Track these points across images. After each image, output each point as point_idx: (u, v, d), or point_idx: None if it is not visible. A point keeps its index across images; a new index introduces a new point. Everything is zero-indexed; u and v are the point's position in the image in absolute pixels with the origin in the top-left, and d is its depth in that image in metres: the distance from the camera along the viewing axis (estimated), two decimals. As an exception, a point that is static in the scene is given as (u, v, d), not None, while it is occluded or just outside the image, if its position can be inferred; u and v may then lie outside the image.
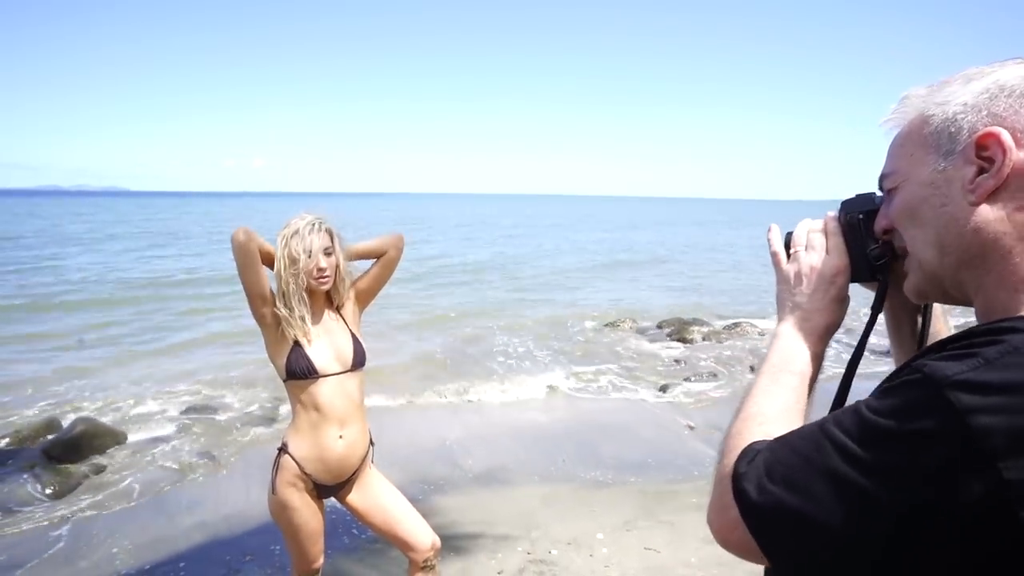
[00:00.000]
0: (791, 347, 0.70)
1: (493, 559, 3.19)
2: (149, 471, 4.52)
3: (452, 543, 3.32)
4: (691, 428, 5.35)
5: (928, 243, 0.60)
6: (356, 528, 3.50)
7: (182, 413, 5.52)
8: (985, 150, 0.55)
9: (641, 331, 8.96)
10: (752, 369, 6.99)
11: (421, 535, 2.16)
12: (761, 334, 8.75)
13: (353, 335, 2.11)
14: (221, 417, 5.51)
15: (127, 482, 4.34)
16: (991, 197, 0.55)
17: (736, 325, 9.04)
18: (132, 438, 5.02)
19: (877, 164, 0.68)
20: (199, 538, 3.58)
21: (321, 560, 2.19)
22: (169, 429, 5.26)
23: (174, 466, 4.59)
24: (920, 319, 0.75)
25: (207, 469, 4.54)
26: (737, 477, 0.57)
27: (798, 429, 0.58)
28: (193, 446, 4.92)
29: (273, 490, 2.04)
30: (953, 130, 0.57)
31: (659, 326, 9.05)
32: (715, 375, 6.77)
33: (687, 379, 6.59)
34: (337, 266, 2.02)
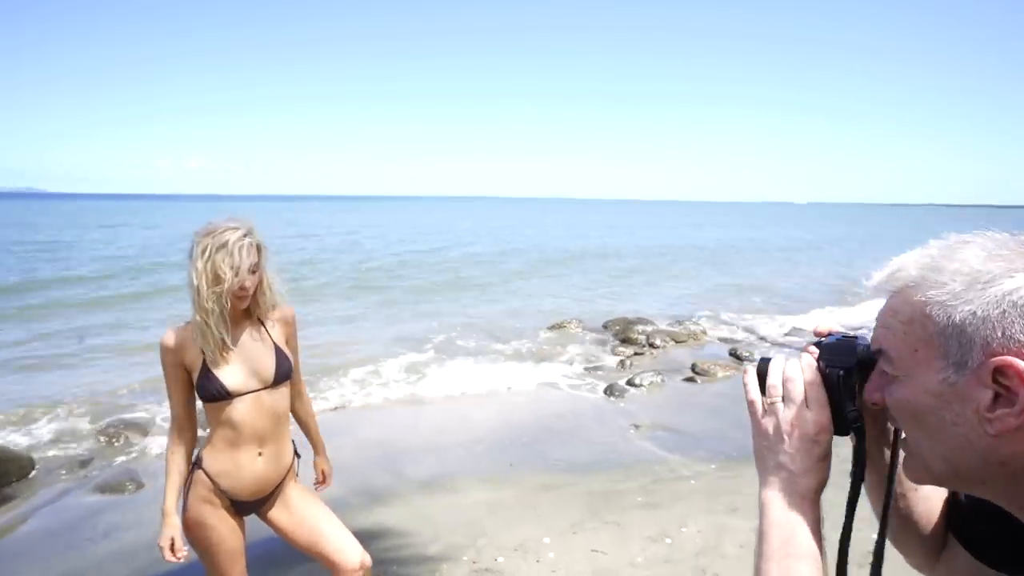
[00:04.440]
0: (788, 522, 0.64)
1: (437, 571, 3.08)
2: (60, 498, 4.15)
3: (394, 557, 3.20)
4: (636, 428, 5.40)
5: (935, 454, 0.57)
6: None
7: (99, 432, 5.12)
8: (1004, 378, 0.51)
9: (586, 331, 9.04)
10: (694, 369, 7.13)
11: (349, 553, 2.04)
12: (704, 332, 8.98)
13: (276, 348, 1.96)
14: (140, 434, 5.15)
15: (34, 513, 3.97)
16: (1015, 430, 0.51)
17: (679, 323, 9.26)
18: (41, 461, 4.62)
19: (879, 167, 0.60)
20: (118, 569, 3.30)
21: (244, 585, 2.04)
22: (83, 449, 4.88)
23: (89, 489, 4.24)
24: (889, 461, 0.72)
25: (128, 491, 4.21)
26: None
27: None
28: (110, 467, 4.57)
29: (186, 508, 1.89)
30: (963, 340, 0.52)
31: (604, 326, 9.15)
32: (659, 374, 6.88)
33: (631, 381, 6.67)
34: (260, 282, 1.89)
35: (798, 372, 0.67)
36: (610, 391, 6.38)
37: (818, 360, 0.67)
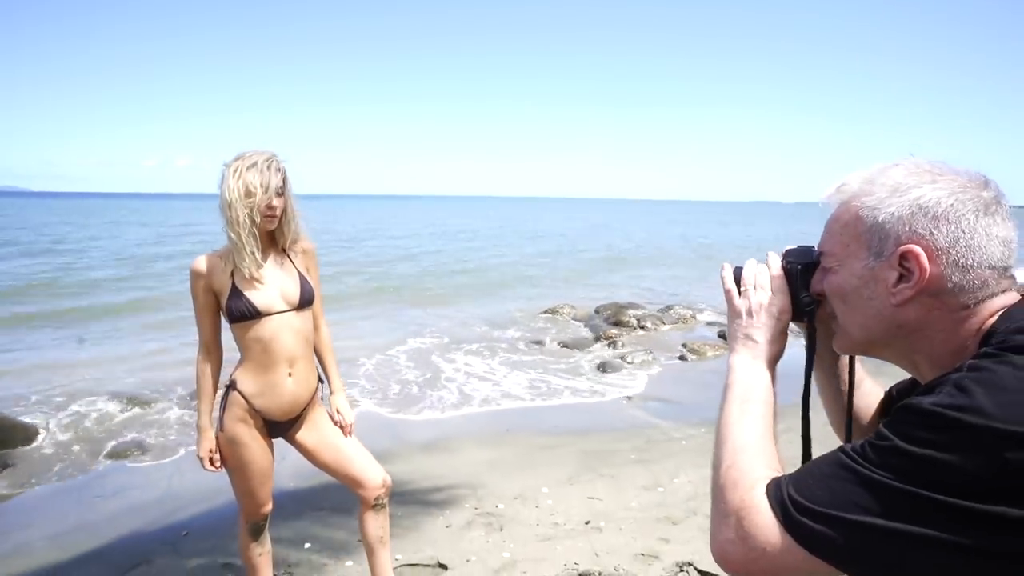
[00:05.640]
0: (750, 377, 0.80)
1: (441, 515, 3.21)
2: (68, 463, 4.24)
3: (398, 504, 3.32)
4: (628, 399, 5.56)
5: (855, 323, 0.75)
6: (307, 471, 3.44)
7: (104, 404, 5.20)
8: (906, 261, 0.68)
9: (579, 315, 9.20)
10: (684, 347, 7.33)
11: (372, 472, 2.17)
12: (694, 316, 9.18)
13: (300, 274, 2.09)
14: (148, 406, 5.23)
15: (43, 476, 4.05)
16: (910, 300, 0.68)
17: (669, 308, 9.44)
18: (50, 429, 4.70)
19: (867, 165, 0.79)
20: (130, 521, 3.40)
21: (270, 505, 2.16)
22: (89, 420, 4.96)
23: (96, 455, 4.33)
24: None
25: (134, 456, 4.31)
26: (782, 511, 0.62)
27: (815, 462, 0.65)
28: (116, 436, 4.65)
29: (221, 427, 2.01)
30: (882, 236, 0.70)
31: (596, 311, 9.31)
32: (650, 352, 7.05)
33: (623, 358, 6.83)
34: (284, 208, 2.02)
35: (766, 267, 0.87)
36: (602, 368, 6.54)
37: (782, 259, 0.86)
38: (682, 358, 7.02)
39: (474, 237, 28.93)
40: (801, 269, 0.81)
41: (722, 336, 7.99)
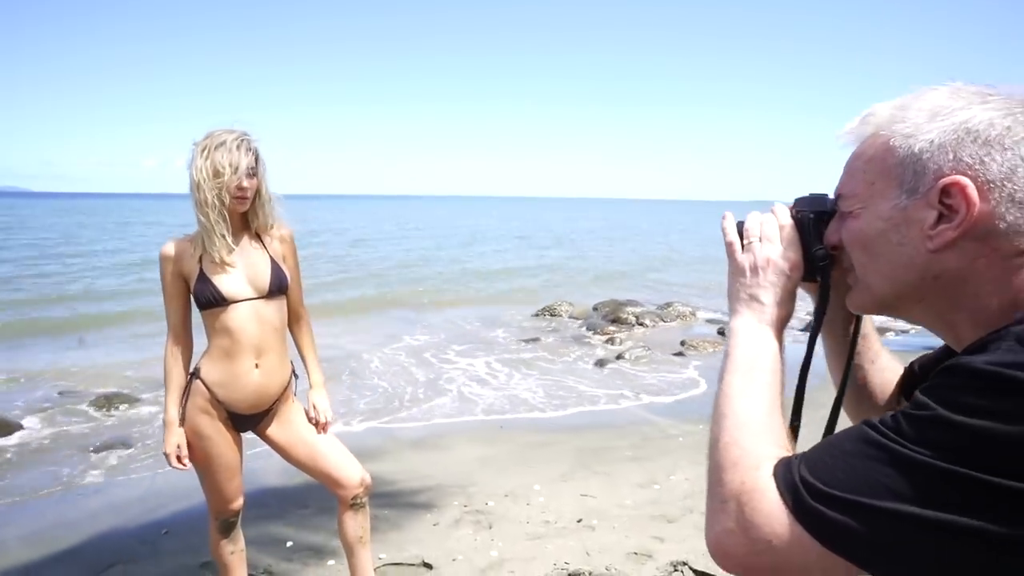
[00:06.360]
0: (755, 343, 0.68)
1: (428, 513, 3.12)
2: (49, 459, 4.15)
3: (385, 503, 3.23)
4: (625, 396, 5.46)
5: (881, 274, 0.62)
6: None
7: (90, 403, 5.12)
8: (948, 197, 0.55)
9: (577, 313, 9.09)
10: (682, 344, 7.22)
11: (349, 470, 2.07)
12: (693, 313, 9.08)
13: (273, 261, 1.98)
14: (132, 404, 5.14)
15: (23, 472, 3.96)
16: (951, 244, 0.56)
17: (668, 305, 9.33)
18: (30, 426, 4.61)
19: None
20: (110, 519, 3.31)
21: (240, 501, 2.06)
22: (71, 416, 4.88)
23: (78, 451, 4.24)
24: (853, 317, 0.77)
25: (116, 452, 4.21)
26: (792, 496, 0.52)
27: (832, 438, 0.55)
28: (98, 432, 4.57)
29: (183, 418, 1.91)
30: (918, 168, 0.57)
31: (595, 308, 9.21)
32: (648, 349, 6.95)
33: (620, 355, 6.73)
34: (258, 190, 1.92)
35: (771, 216, 0.73)
36: (600, 364, 6.44)
37: (792, 208, 0.73)
38: (680, 354, 6.91)
39: (474, 237, 28.85)
40: (814, 219, 0.70)
41: (722, 333, 7.89)
